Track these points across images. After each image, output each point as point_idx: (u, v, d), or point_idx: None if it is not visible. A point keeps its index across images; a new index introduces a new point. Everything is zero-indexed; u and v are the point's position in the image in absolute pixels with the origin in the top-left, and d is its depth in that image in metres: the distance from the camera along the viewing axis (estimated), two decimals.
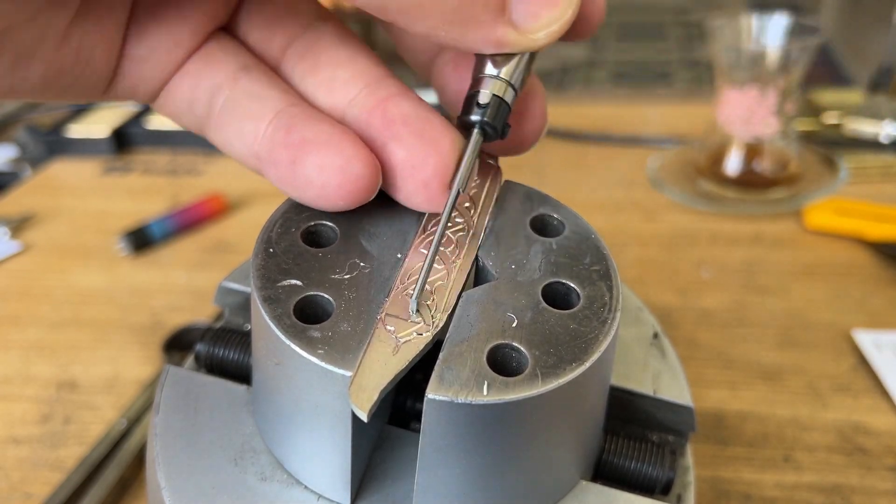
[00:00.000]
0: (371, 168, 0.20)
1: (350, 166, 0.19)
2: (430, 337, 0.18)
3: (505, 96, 0.20)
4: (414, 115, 0.20)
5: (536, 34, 0.19)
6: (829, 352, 0.40)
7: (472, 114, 0.20)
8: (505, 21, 0.18)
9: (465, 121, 0.20)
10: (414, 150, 0.20)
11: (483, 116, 0.20)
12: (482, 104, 0.20)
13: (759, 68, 0.52)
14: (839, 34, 1.09)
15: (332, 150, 0.19)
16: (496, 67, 0.20)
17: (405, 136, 0.20)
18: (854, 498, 0.32)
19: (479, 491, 0.19)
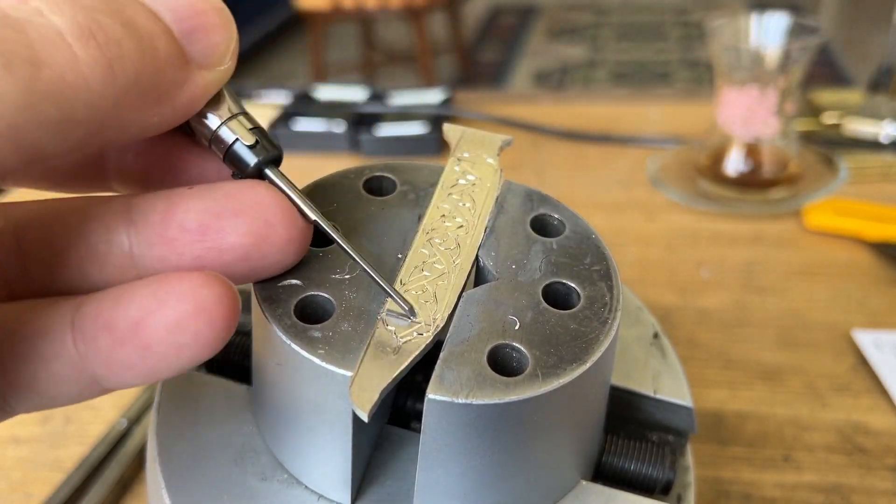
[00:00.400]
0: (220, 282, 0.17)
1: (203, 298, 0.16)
2: (431, 337, 0.18)
3: (254, 123, 0.19)
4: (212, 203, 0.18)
5: (224, 62, 0.17)
6: (828, 352, 0.40)
7: (252, 160, 0.18)
8: (193, 69, 0.17)
9: (253, 170, 0.18)
10: (250, 226, 0.18)
11: (262, 154, 0.18)
12: (251, 145, 0.18)
13: (759, 68, 0.52)
14: (839, 34, 1.10)
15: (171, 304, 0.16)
16: (219, 112, 0.18)
17: (228, 224, 0.18)
18: (854, 498, 0.32)
19: (480, 491, 0.19)
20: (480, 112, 0.68)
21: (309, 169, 0.68)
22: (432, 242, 0.21)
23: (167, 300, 0.16)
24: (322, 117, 0.66)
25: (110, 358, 0.17)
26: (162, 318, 0.16)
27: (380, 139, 0.64)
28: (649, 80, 2.51)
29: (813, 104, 0.67)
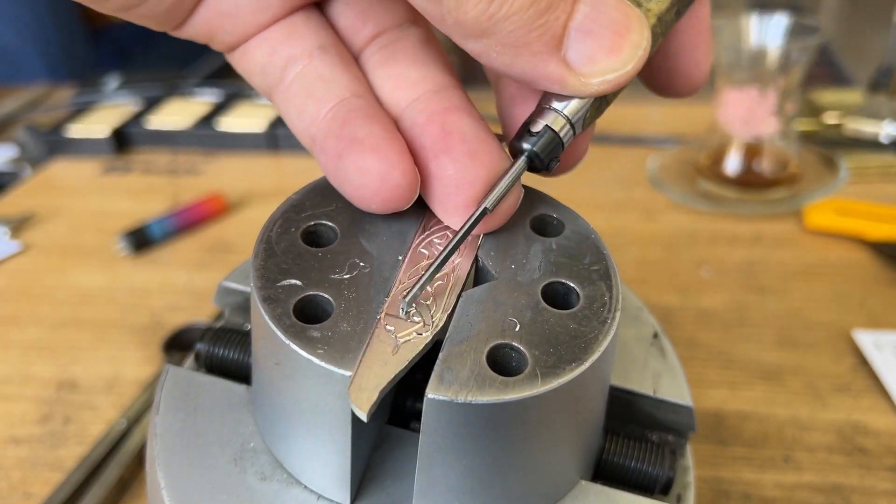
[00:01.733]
0: (410, 180, 0.20)
1: (389, 175, 0.19)
2: (430, 337, 0.18)
3: (561, 132, 0.19)
4: (471, 134, 0.20)
5: (590, 79, 0.18)
6: (829, 352, 0.40)
7: (522, 140, 0.20)
8: (559, 58, 0.18)
9: (515, 146, 0.20)
10: (463, 170, 0.20)
11: (533, 146, 0.19)
12: (534, 133, 0.19)
13: (759, 68, 0.52)
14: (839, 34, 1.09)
15: (376, 155, 0.19)
16: (560, 101, 0.19)
17: (458, 152, 0.20)
18: (854, 498, 0.32)
19: (479, 491, 0.19)
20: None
21: (309, 169, 0.68)
22: (432, 242, 0.21)
23: (378, 150, 0.19)
24: None
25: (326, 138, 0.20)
26: (362, 153, 0.19)
27: None
28: None
29: (813, 104, 0.67)
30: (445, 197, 0.20)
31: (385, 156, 0.19)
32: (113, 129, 0.68)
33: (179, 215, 0.55)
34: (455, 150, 0.20)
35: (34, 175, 0.66)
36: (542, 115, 0.19)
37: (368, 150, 0.20)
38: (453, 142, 0.20)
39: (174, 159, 0.67)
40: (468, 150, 0.20)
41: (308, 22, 0.22)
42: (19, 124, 0.74)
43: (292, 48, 0.22)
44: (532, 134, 0.19)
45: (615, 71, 0.18)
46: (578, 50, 0.17)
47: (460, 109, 0.21)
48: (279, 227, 0.21)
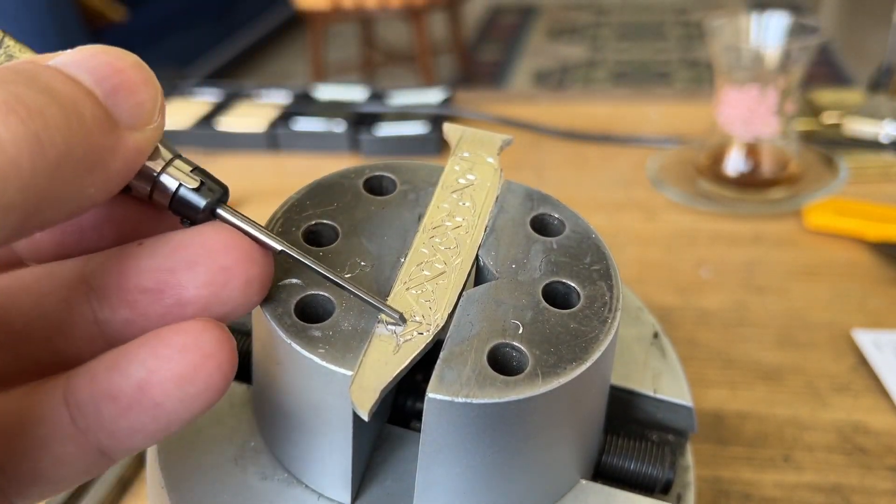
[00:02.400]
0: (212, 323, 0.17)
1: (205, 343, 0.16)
2: (431, 337, 0.18)
3: (192, 164, 0.18)
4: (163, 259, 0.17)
5: (154, 120, 0.16)
6: (829, 352, 0.40)
7: (201, 203, 0.17)
8: (122, 130, 0.16)
9: (204, 214, 0.17)
10: (207, 276, 0.17)
11: (209, 196, 0.17)
12: (196, 187, 0.17)
13: (759, 68, 0.52)
14: (839, 34, 1.10)
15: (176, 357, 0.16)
16: (154, 161, 0.17)
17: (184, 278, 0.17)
18: (854, 498, 0.32)
19: (479, 490, 0.19)
20: (480, 112, 0.68)
21: (309, 169, 0.68)
22: (432, 242, 0.21)
23: (171, 355, 0.16)
24: (322, 117, 0.66)
25: (117, 426, 0.16)
26: (169, 373, 0.16)
27: (380, 139, 0.64)
28: (649, 80, 2.51)
29: (813, 104, 0.67)
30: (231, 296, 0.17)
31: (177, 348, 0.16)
32: None
33: None
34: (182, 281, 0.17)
35: None
36: (171, 178, 0.17)
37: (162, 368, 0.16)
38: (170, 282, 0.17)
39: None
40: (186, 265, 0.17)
41: None
42: None
43: None
44: (197, 190, 0.17)
45: (157, 96, 0.16)
46: (123, 110, 0.16)
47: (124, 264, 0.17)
48: (280, 226, 0.21)
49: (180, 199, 0.17)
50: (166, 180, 0.17)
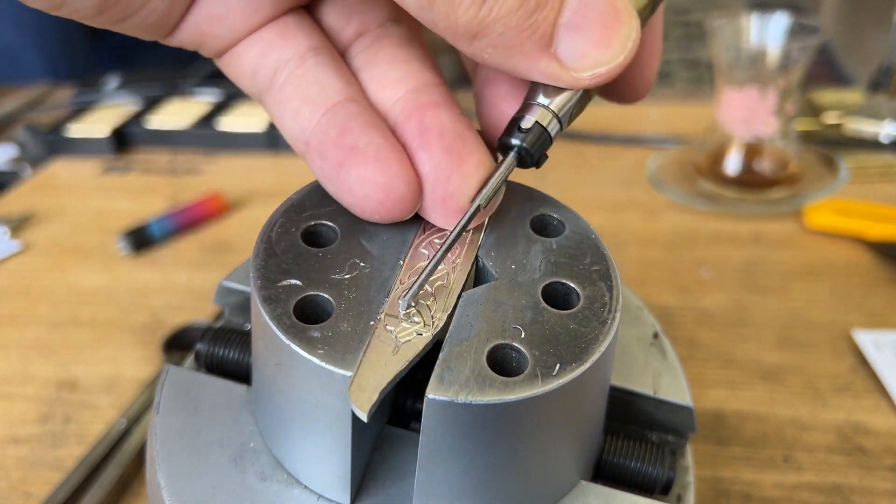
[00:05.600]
0: (412, 189, 0.20)
1: (392, 186, 0.19)
2: (430, 337, 0.18)
3: (549, 127, 0.19)
4: (449, 129, 0.20)
5: (581, 73, 0.18)
6: (828, 352, 0.40)
7: (512, 136, 0.20)
8: (550, 54, 0.18)
9: (505, 142, 0.20)
10: (440, 164, 0.20)
11: (522, 142, 0.19)
12: (524, 129, 0.19)
13: (759, 68, 0.52)
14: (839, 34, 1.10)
15: (378, 165, 0.20)
16: (547, 97, 0.19)
17: (435, 148, 0.20)
18: (854, 498, 0.32)
19: (479, 491, 0.19)
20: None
21: (309, 169, 0.68)
22: (432, 242, 0.21)
23: (379, 160, 0.19)
24: None
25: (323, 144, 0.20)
26: (364, 163, 0.20)
27: None
28: None
29: (813, 104, 0.67)
30: (426, 194, 0.20)
31: (387, 166, 0.20)
32: (113, 129, 0.68)
33: (179, 215, 0.55)
34: (431, 145, 0.20)
35: (34, 175, 0.66)
36: (529, 111, 0.19)
37: (370, 160, 0.20)
38: (430, 137, 0.20)
39: (174, 159, 0.67)
40: (444, 146, 0.20)
41: (299, 23, 0.22)
42: (19, 124, 0.74)
43: (284, 51, 0.21)
44: (521, 130, 0.19)
45: (606, 64, 0.18)
46: (568, 45, 0.18)
47: (439, 105, 0.21)
48: (279, 226, 0.21)
49: (512, 120, 0.20)
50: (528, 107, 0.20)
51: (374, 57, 0.22)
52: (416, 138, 0.20)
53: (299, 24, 0.22)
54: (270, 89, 0.22)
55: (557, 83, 0.19)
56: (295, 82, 0.21)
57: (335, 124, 0.20)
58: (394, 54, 0.22)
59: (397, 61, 0.22)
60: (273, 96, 0.22)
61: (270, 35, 0.22)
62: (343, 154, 0.20)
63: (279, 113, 0.22)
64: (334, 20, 0.23)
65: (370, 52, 0.22)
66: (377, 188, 0.20)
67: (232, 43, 0.22)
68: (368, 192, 0.20)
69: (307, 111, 0.21)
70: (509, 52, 0.18)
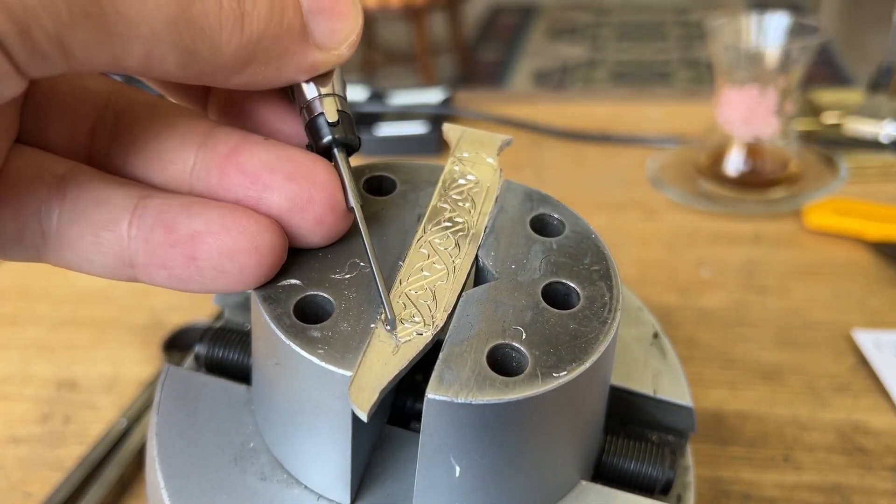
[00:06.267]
0: (279, 233, 0.19)
1: (260, 242, 0.18)
2: (430, 337, 0.18)
3: (345, 108, 0.20)
4: (274, 159, 0.19)
5: (340, 48, 0.19)
6: (828, 352, 0.40)
7: (328, 135, 0.20)
8: (310, 46, 0.18)
9: (324, 144, 0.20)
10: (294, 195, 0.19)
11: (338, 134, 0.20)
12: (332, 123, 0.20)
13: (759, 68, 0.52)
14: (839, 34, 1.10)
15: (232, 234, 0.18)
16: (324, 86, 0.20)
17: (277, 184, 0.19)
18: (854, 498, 0.32)
19: (479, 491, 0.19)
20: (480, 112, 0.68)
21: None
22: (432, 242, 0.21)
23: (231, 229, 0.18)
24: None
25: (156, 253, 0.18)
26: (219, 241, 0.18)
27: (380, 139, 0.64)
28: (649, 80, 2.51)
29: (813, 104, 0.67)
30: (295, 227, 0.19)
31: (241, 229, 0.18)
32: None
33: None
34: (272, 183, 0.19)
35: None
36: (322, 106, 0.20)
37: (221, 234, 0.18)
38: (264, 178, 0.19)
39: None
40: (284, 176, 0.19)
41: (29, 161, 0.19)
42: None
43: (34, 196, 0.18)
44: (332, 125, 0.20)
45: (353, 31, 0.19)
46: (321, 30, 0.19)
47: (243, 145, 0.19)
48: None
49: (315, 124, 0.20)
50: (316, 103, 0.20)
51: (130, 143, 0.20)
52: (249, 187, 0.19)
53: (30, 162, 0.19)
54: (47, 242, 0.18)
55: (327, 68, 0.19)
56: (71, 219, 0.18)
57: (154, 227, 0.18)
58: (148, 127, 0.20)
59: (159, 130, 0.20)
60: (56, 246, 0.18)
61: (7, 192, 0.18)
62: (189, 247, 0.18)
63: (76, 257, 0.19)
64: (58, 135, 0.20)
65: (120, 141, 0.20)
66: (248, 254, 0.18)
67: None
68: (242, 263, 0.18)
69: (108, 235, 0.18)
70: (279, 63, 0.18)
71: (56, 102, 0.19)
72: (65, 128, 0.20)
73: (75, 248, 0.19)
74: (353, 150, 0.20)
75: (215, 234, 0.18)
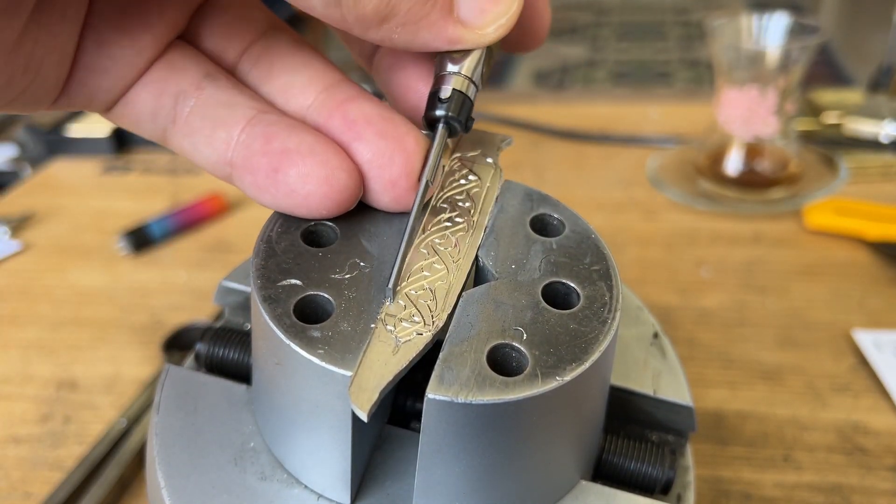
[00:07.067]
0: (354, 178, 0.20)
1: (334, 177, 0.20)
2: (430, 337, 0.18)
3: (467, 91, 0.20)
4: (376, 116, 0.20)
5: (485, 30, 0.19)
6: (828, 352, 0.40)
7: (436, 109, 0.20)
8: (454, 19, 0.19)
9: (430, 116, 0.20)
10: (379, 150, 0.20)
11: (447, 112, 0.20)
12: (444, 99, 0.20)
13: (759, 68, 0.52)
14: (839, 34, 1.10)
15: (315, 160, 0.20)
16: (455, 64, 0.20)
17: (369, 136, 0.20)
18: (854, 498, 0.32)
19: (479, 491, 0.19)
20: (480, 112, 0.68)
21: None
22: (432, 242, 0.21)
23: (317, 155, 0.20)
24: None
25: (250, 158, 0.20)
26: (302, 161, 0.19)
27: None
28: (649, 80, 2.51)
29: (813, 104, 0.67)
30: (370, 182, 0.20)
31: (324, 159, 0.20)
32: (113, 129, 0.68)
33: (179, 215, 0.55)
34: (364, 134, 0.20)
35: (34, 175, 0.66)
36: (444, 82, 0.20)
37: (307, 156, 0.20)
38: (360, 127, 0.20)
39: (174, 159, 0.67)
40: (377, 131, 0.20)
41: (183, 55, 0.21)
42: (19, 124, 0.74)
43: (179, 84, 0.21)
44: (443, 101, 0.20)
45: (504, 14, 0.19)
46: (468, 7, 0.19)
47: (356, 98, 0.21)
48: (279, 226, 0.21)
49: (432, 95, 0.20)
50: (442, 78, 0.20)
51: (270, 69, 0.22)
52: (346, 132, 0.20)
53: (184, 56, 0.21)
54: (175, 125, 0.21)
55: (466, 46, 0.20)
56: (200, 111, 0.21)
57: (257, 136, 0.20)
58: (289, 62, 0.22)
59: (296, 67, 0.22)
60: (180, 131, 0.21)
61: (160, 74, 0.21)
62: (276, 159, 0.20)
63: (191, 145, 0.21)
64: (214, 43, 0.22)
65: (262, 65, 0.22)
66: (320, 182, 0.19)
67: (122, 92, 0.21)
68: (311, 189, 0.20)
69: (222, 134, 0.20)
70: (417, 27, 0.19)
71: (224, 17, 0.22)
72: (223, 40, 0.22)
73: (193, 138, 0.21)
74: (456, 132, 0.21)
75: (302, 154, 0.19)
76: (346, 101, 0.21)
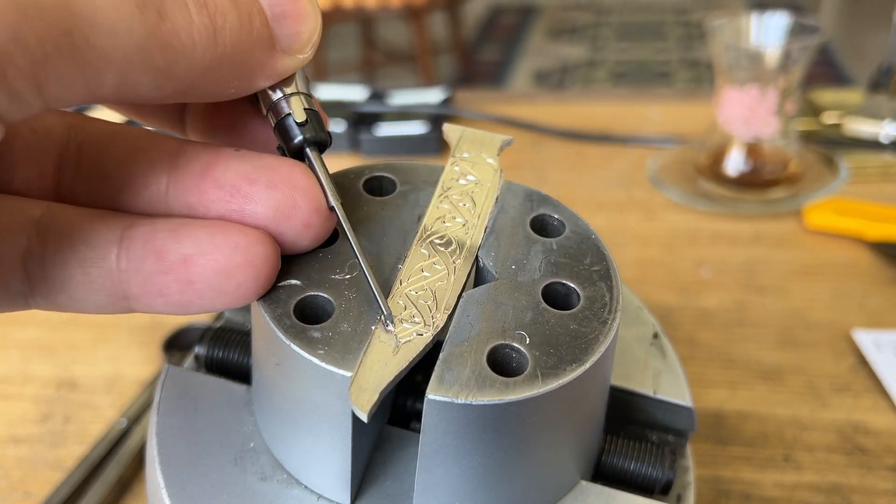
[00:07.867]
0: (270, 243, 0.18)
1: (253, 254, 0.18)
2: (430, 337, 0.18)
3: (312, 106, 0.20)
4: (251, 169, 0.19)
5: (305, 51, 0.19)
6: (828, 352, 0.40)
7: (298, 136, 0.19)
8: (277, 52, 0.18)
9: (296, 145, 0.19)
10: (278, 203, 0.18)
11: (310, 133, 0.19)
12: (301, 122, 0.19)
13: (759, 68, 0.52)
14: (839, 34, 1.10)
15: (224, 252, 0.18)
16: (286, 87, 0.20)
17: (259, 194, 0.18)
18: (854, 498, 0.32)
19: (479, 491, 0.19)
20: (480, 112, 0.68)
21: None
22: (432, 243, 0.21)
23: (223, 246, 0.18)
24: None
25: (150, 282, 0.18)
26: (213, 261, 0.18)
27: (380, 139, 0.64)
28: (649, 80, 2.51)
29: (813, 104, 0.67)
30: (282, 234, 0.19)
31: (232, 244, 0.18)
32: None
33: None
34: (254, 194, 0.18)
35: None
36: (287, 107, 0.19)
37: (213, 252, 0.18)
38: (244, 189, 0.18)
39: None
40: (265, 185, 0.18)
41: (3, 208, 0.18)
42: None
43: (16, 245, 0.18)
44: (301, 125, 0.19)
45: (315, 30, 0.19)
46: (285, 35, 0.18)
47: (215, 159, 0.19)
48: None
49: (284, 125, 0.19)
50: (282, 105, 0.19)
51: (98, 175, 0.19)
52: (230, 201, 0.18)
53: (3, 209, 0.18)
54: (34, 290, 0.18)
55: (293, 72, 0.19)
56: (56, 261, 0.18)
57: (143, 256, 0.18)
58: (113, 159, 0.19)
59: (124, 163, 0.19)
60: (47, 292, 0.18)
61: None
62: (182, 272, 0.18)
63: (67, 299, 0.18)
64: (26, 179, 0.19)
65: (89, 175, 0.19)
66: (243, 270, 0.18)
67: None
68: (239, 280, 0.18)
69: (97, 272, 0.18)
70: (251, 73, 0.18)
71: (17, 145, 0.19)
72: (30, 169, 0.19)
73: (66, 291, 0.18)
74: (325, 148, 0.20)
75: (207, 254, 0.18)
76: (207, 167, 0.19)
